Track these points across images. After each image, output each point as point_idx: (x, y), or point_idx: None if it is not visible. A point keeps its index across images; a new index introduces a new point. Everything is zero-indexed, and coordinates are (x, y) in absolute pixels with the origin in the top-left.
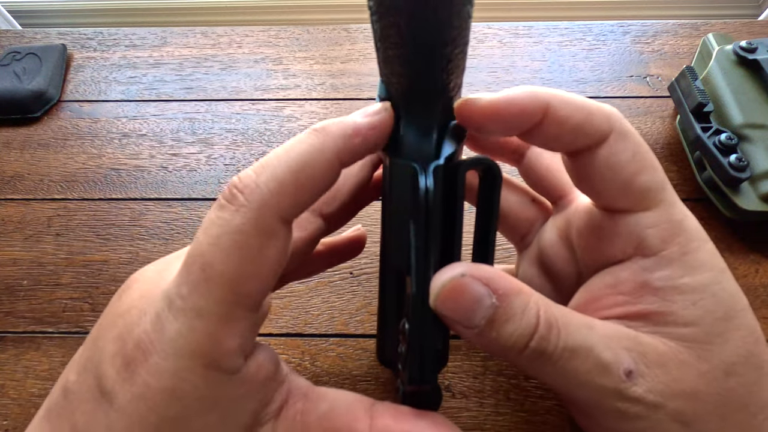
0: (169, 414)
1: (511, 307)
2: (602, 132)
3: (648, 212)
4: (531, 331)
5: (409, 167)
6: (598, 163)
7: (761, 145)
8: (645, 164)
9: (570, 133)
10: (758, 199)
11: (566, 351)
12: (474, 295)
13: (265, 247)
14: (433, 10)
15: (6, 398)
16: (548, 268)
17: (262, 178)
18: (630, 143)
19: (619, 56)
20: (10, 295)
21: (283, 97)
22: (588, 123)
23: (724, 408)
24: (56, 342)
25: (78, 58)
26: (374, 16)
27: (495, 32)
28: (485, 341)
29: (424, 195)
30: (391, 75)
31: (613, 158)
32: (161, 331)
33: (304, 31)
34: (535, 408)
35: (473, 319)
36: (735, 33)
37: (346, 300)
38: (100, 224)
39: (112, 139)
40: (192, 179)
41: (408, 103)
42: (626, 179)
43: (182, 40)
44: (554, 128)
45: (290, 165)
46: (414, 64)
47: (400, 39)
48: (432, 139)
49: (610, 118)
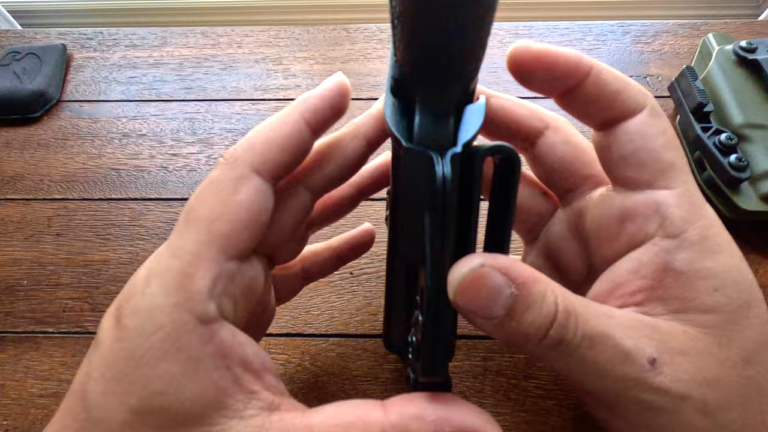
0: (136, 354)
1: (530, 295)
2: (638, 104)
3: (671, 190)
4: (551, 318)
5: (425, 155)
6: (631, 131)
7: (761, 145)
8: (674, 143)
9: (608, 98)
10: (758, 199)
11: (585, 339)
12: (494, 285)
13: (238, 191)
14: None
15: (6, 398)
16: (556, 261)
17: (238, 144)
18: (662, 121)
19: (619, 56)
20: (10, 295)
21: (283, 97)
22: (626, 92)
23: (744, 397)
24: (56, 342)
25: (78, 58)
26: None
27: (495, 32)
28: (504, 332)
29: (441, 184)
30: (407, 54)
31: (645, 128)
32: (145, 276)
33: (304, 31)
34: (535, 408)
35: (493, 310)
36: (735, 33)
37: (346, 300)
38: (100, 224)
39: (112, 139)
40: (192, 179)
41: (424, 86)
42: (656, 149)
43: (182, 40)
44: (595, 89)
45: (260, 128)
46: (432, 45)
47: (420, 19)
48: (449, 124)
49: (647, 94)
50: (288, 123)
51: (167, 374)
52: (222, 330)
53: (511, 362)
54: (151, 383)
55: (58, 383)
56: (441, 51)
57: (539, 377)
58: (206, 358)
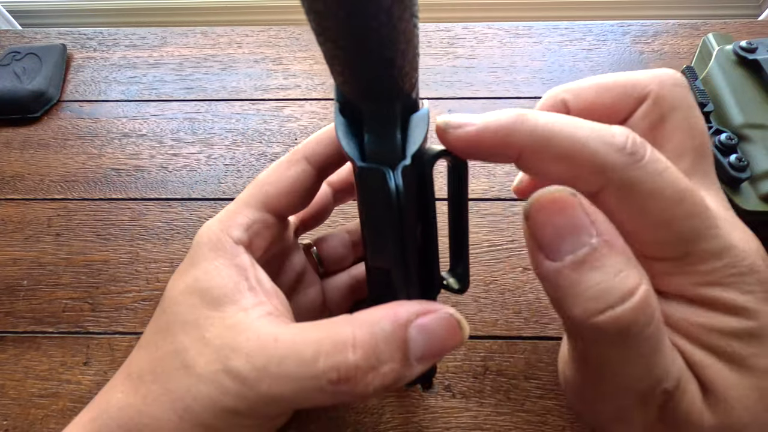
0: (193, 254)
1: (611, 255)
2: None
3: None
4: (623, 295)
5: (377, 171)
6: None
7: (761, 145)
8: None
9: (560, 175)
10: (758, 199)
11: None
12: (577, 218)
13: (289, 169)
14: (372, 29)
15: (6, 398)
16: None
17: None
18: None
19: (619, 56)
20: (10, 295)
21: (283, 97)
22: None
23: None
24: (56, 342)
25: (78, 58)
26: (316, 31)
27: (495, 32)
28: (556, 284)
29: (395, 197)
30: (344, 84)
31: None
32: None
33: (304, 31)
34: (535, 408)
35: (561, 247)
36: (735, 33)
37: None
38: (100, 224)
39: (112, 139)
40: (192, 179)
41: (367, 107)
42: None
43: (182, 40)
44: (539, 165)
45: (317, 132)
46: (363, 74)
47: (347, 55)
48: (396, 138)
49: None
50: (333, 129)
51: (206, 268)
52: (246, 255)
53: (511, 362)
54: (196, 273)
55: (58, 383)
56: (376, 79)
57: (539, 377)
58: (232, 266)
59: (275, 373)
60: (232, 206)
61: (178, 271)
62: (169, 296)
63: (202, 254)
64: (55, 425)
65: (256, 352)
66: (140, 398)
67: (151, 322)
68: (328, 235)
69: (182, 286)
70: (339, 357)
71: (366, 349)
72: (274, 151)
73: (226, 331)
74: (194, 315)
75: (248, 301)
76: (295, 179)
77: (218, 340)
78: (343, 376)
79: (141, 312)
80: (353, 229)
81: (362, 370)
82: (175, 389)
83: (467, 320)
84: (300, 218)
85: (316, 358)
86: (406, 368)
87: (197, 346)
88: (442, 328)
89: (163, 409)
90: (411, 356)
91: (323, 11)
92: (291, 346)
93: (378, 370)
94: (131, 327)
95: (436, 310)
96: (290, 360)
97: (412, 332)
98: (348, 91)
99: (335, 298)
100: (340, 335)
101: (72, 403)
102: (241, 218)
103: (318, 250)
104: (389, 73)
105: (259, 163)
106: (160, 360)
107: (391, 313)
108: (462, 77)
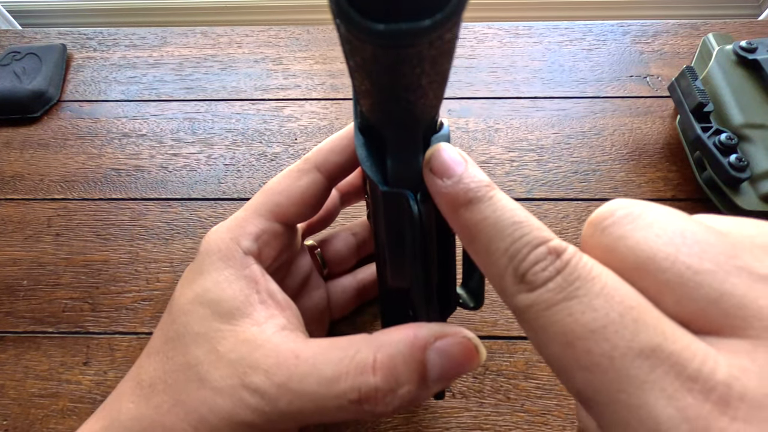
0: (200, 263)
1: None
2: None
3: None
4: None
5: (401, 196)
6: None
7: (761, 145)
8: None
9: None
10: (758, 199)
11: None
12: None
13: (300, 179)
14: (400, 74)
15: (6, 398)
16: None
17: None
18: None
19: (619, 56)
20: (10, 295)
21: (283, 97)
22: None
23: None
24: (56, 342)
25: (78, 58)
26: (347, 56)
27: (495, 32)
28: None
29: (418, 221)
30: (370, 111)
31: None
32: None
33: (304, 31)
34: (534, 408)
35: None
36: (735, 33)
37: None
38: (100, 224)
39: (112, 139)
40: (192, 179)
41: (391, 134)
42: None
43: (182, 40)
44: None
45: (329, 138)
46: (392, 109)
47: (379, 94)
48: (419, 163)
49: None
50: (346, 137)
51: (216, 279)
52: (256, 266)
53: (511, 362)
54: (205, 283)
55: (58, 383)
56: (405, 111)
57: (539, 377)
58: (242, 278)
59: (296, 390)
60: (241, 213)
61: (186, 277)
62: (177, 304)
63: (211, 263)
64: (55, 425)
65: (276, 369)
66: (153, 408)
67: (159, 330)
68: (331, 236)
69: (191, 296)
70: (360, 378)
71: (386, 371)
72: (274, 151)
73: (240, 346)
74: (205, 327)
75: (260, 314)
76: (306, 189)
77: (233, 354)
78: (364, 397)
79: (141, 312)
80: (357, 229)
81: (382, 391)
82: (188, 401)
83: (467, 320)
84: (307, 222)
85: (338, 378)
86: (424, 390)
87: (210, 359)
88: (459, 352)
89: (177, 420)
90: (429, 378)
91: (363, 57)
92: (312, 364)
93: (397, 392)
94: (131, 327)
95: (454, 333)
96: (312, 378)
97: (431, 355)
98: (373, 119)
99: (339, 301)
100: (361, 356)
101: (72, 403)
102: (251, 227)
103: (322, 252)
104: (419, 109)
105: (259, 163)
106: (173, 371)
107: (410, 335)
108: (462, 77)
